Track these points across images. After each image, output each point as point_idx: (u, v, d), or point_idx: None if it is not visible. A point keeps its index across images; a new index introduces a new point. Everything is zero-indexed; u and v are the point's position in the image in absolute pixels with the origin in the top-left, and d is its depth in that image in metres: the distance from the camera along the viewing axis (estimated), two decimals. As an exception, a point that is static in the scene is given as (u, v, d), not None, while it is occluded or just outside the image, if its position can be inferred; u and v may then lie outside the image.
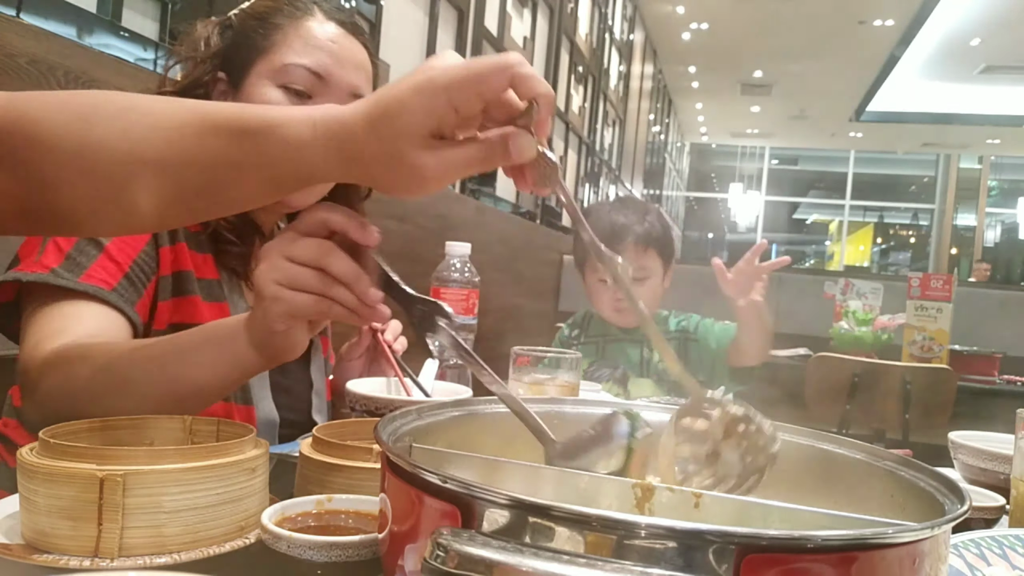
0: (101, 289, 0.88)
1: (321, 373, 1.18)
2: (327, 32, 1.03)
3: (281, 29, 1.02)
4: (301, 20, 1.02)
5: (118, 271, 0.91)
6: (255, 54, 1.02)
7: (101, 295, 0.88)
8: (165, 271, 0.96)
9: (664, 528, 0.38)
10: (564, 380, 1.11)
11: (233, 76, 1.03)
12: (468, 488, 0.41)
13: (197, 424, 0.69)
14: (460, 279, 1.17)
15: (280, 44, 1.01)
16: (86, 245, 0.90)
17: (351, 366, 1.19)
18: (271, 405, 1.05)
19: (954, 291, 2.93)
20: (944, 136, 13.21)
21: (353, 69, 1.04)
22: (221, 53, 1.04)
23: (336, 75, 1.02)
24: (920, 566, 0.42)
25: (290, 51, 1.01)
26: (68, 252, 0.89)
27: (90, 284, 0.88)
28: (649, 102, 9.61)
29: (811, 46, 9.00)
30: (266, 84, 1.00)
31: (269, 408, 1.05)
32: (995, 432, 1.11)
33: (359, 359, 1.19)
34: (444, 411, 0.64)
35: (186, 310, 0.98)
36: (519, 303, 4.08)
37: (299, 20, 1.02)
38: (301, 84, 1.00)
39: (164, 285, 0.97)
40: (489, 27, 3.61)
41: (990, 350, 3.49)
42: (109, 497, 0.54)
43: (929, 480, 0.53)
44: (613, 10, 6.60)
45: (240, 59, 1.02)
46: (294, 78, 1.00)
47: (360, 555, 0.55)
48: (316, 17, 1.03)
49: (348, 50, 1.04)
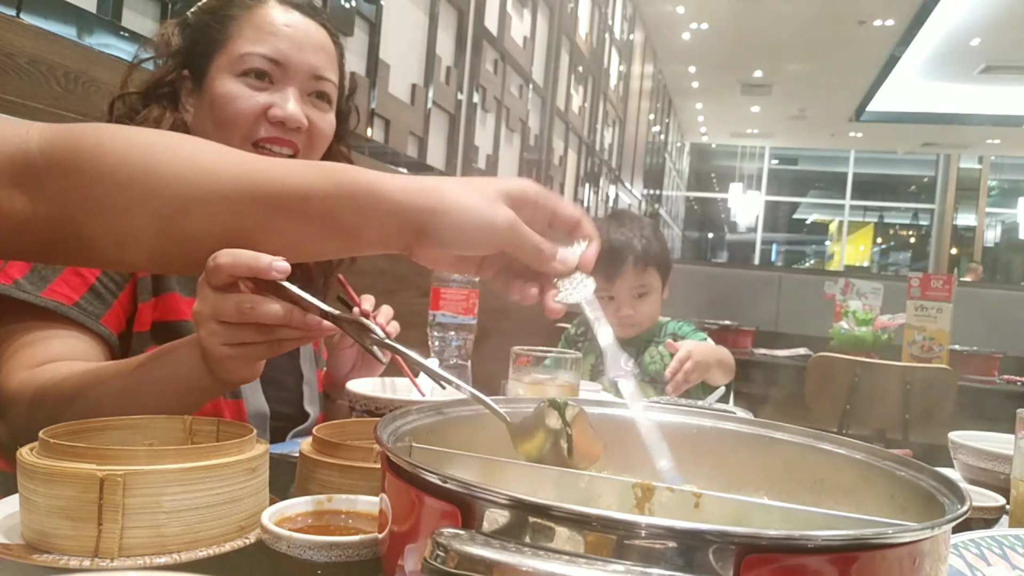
0: (61, 304, 0.89)
1: (311, 364, 1.18)
2: (281, 17, 1.03)
3: (235, 20, 1.02)
4: (254, 9, 1.03)
5: (82, 284, 0.91)
6: (213, 48, 1.02)
7: (60, 310, 0.89)
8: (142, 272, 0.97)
9: (664, 528, 0.38)
10: (564, 380, 1.11)
11: (195, 73, 1.04)
12: (468, 488, 0.41)
13: (197, 424, 0.68)
14: (460, 279, 1.17)
15: (235, 35, 1.02)
16: None
17: (344, 355, 1.20)
18: (261, 398, 1.05)
19: (954, 291, 2.93)
20: (944, 136, 13.20)
21: (312, 51, 1.04)
22: (182, 52, 1.05)
23: (294, 59, 1.03)
24: (920, 566, 0.42)
25: (245, 41, 1.01)
26: (34, 264, 0.89)
27: (50, 300, 0.88)
28: (649, 102, 9.61)
29: (811, 46, 8.99)
30: (226, 76, 1.01)
31: (259, 401, 1.05)
32: (995, 432, 1.11)
33: (351, 347, 1.20)
34: (444, 411, 0.64)
35: (167, 307, 0.98)
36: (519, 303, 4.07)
37: (252, 9, 1.03)
38: (260, 70, 1.01)
39: (143, 286, 0.97)
40: (489, 27, 3.61)
41: (990, 350, 3.49)
42: (109, 497, 0.54)
43: (929, 480, 0.53)
44: (613, 10, 6.60)
45: (200, 55, 1.03)
46: (251, 66, 1.01)
47: (360, 555, 0.55)
48: (269, 4, 1.04)
49: (305, 33, 1.04)
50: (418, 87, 3.00)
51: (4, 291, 0.87)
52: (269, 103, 1.01)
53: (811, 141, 15.85)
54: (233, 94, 1.00)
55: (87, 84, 1.36)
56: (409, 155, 2.95)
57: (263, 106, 1.01)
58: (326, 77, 1.06)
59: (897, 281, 3.48)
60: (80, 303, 0.90)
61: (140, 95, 1.05)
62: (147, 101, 1.04)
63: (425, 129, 3.05)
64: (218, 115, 1.01)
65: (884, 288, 3.18)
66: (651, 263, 1.85)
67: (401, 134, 2.86)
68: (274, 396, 1.08)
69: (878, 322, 3.13)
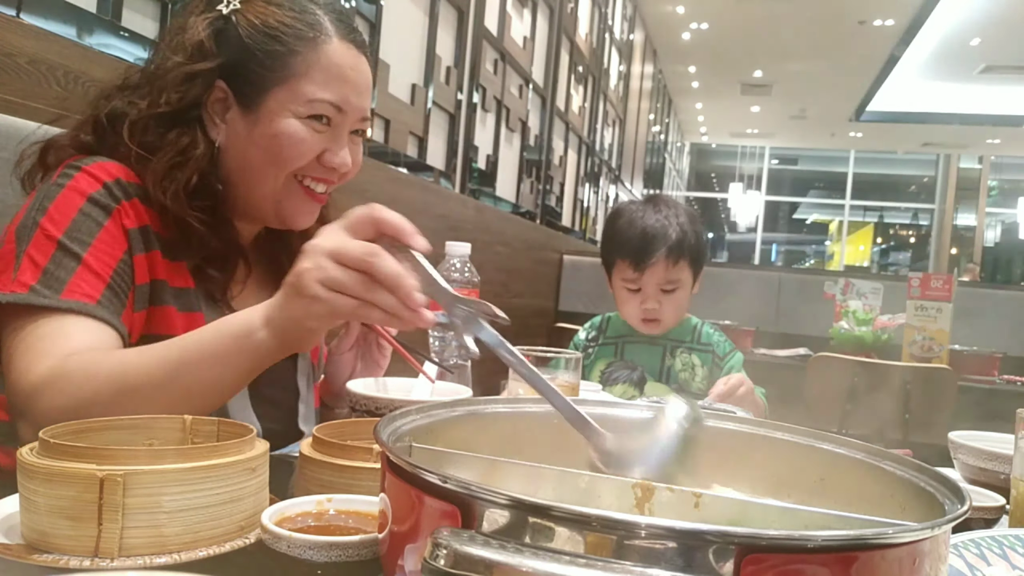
0: (86, 304, 0.85)
1: (308, 380, 1.14)
2: (346, 59, 1.00)
3: (300, 56, 0.97)
4: (319, 45, 0.98)
5: (99, 283, 0.87)
6: (272, 79, 0.97)
7: (87, 310, 0.85)
8: (141, 280, 0.93)
9: (664, 528, 0.38)
10: (564, 380, 1.11)
11: (243, 95, 0.98)
12: (468, 488, 0.41)
13: (197, 424, 0.68)
14: (460, 279, 1.17)
15: (301, 74, 0.97)
16: (63, 257, 0.86)
17: (342, 360, 1.17)
18: (251, 416, 1.02)
19: (954, 291, 2.93)
20: (944, 136, 13.20)
21: (366, 94, 1.03)
22: (223, 65, 0.97)
23: (353, 104, 1.00)
24: (920, 566, 0.42)
25: (312, 84, 0.97)
26: (45, 267, 0.85)
27: (73, 300, 0.85)
28: (649, 102, 9.61)
29: (811, 46, 8.99)
30: (289, 115, 0.97)
31: (249, 420, 1.01)
32: (995, 432, 1.11)
33: (350, 352, 1.18)
34: (444, 411, 0.64)
35: (159, 321, 0.94)
36: (519, 303, 4.08)
37: (317, 45, 0.98)
38: (324, 117, 0.99)
39: (140, 295, 0.93)
40: (489, 27, 3.61)
41: (990, 350, 3.49)
42: (109, 497, 0.54)
43: (929, 480, 0.53)
44: (613, 10, 6.60)
45: (250, 77, 0.97)
46: (318, 112, 0.98)
47: (360, 555, 0.55)
48: (333, 40, 0.99)
49: (363, 75, 1.02)
50: (418, 87, 3.00)
51: (24, 300, 0.83)
52: (324, 147, 1.00)
53: (811, 141, 15.85)
54: (299, 136, 0.97)
55: (87, 84, 1.36)
56: (409, 155, 2.95)
57: (320, 150, 1.00)
58: (367, 117, 1.05)
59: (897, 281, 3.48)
60: (102, 300, 0.87)
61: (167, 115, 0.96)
62: (172, 123, 0.97)
63: (425, 129, 3.05)
64: (275, 152, 0.98)
65: (884, 288, 3.18)
66: (684, 256, 1.73)
67: (401, 134, 2.86)
68: (265, 414, 1.03)
69: (878, 322, 3.13)
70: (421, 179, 3.04)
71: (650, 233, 1.72)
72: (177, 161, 0.95)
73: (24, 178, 0.99)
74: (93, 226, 0.89)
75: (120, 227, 0.91)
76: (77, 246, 0.87)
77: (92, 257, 0.88)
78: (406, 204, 2.71)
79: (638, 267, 1.72)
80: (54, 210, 0.89)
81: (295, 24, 0.98)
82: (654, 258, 1.71)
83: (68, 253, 0.87)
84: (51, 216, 0.88)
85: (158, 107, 0.96)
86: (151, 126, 0.96)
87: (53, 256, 0.86)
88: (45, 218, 0.88)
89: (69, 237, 0.87)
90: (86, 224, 0.89)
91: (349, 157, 1.03)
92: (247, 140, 0.99)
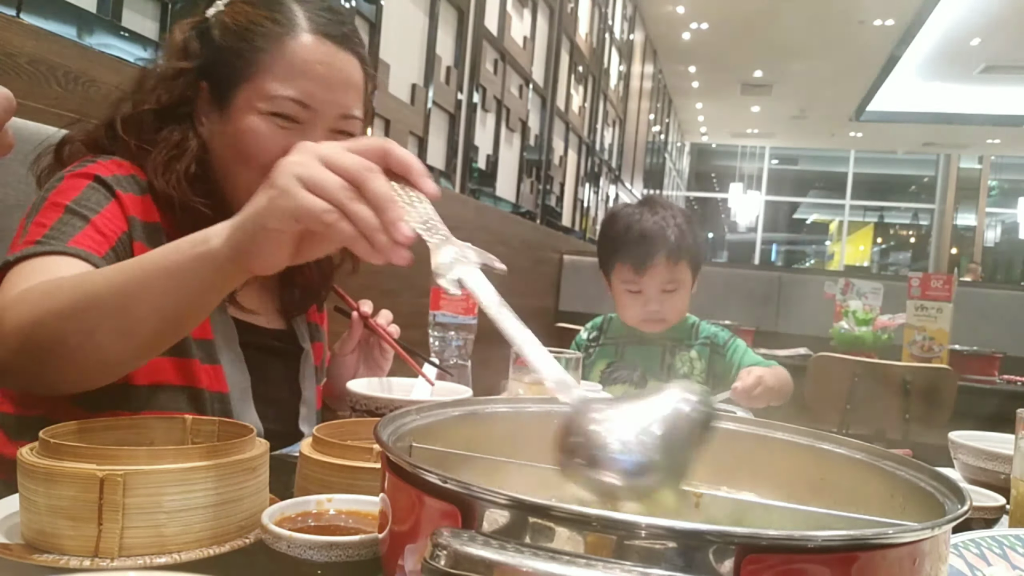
0: (92, 254, 0.85)
1: (311, 382, 1.14)
2: (312, 53, 0.97)
3: (264, 52, 0.96)
4: (284, 40, 0.96)
5: (106, 243, 0.89)
6: (238, 77, 0.97)
7: (92, 259, 0.84)
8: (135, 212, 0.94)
9: (664, 528, 0.38)
10: (564, 380, 1.11)
11: (216, 93, 1.00)
12: (468, 488, 0.41)
13: (197, 424, 0.68)
14: (460, 279, 1.17)
15: (264, 70, 0.96)
16: (71, 218, 0.87)
17: (345, 362, 1.18)
18: (254, 416, 1.02)
19: (954, 291, 2.93)
20: (944, 136, 13.20)
21: (342, 90, 0.99)
22: (202, 65, 1.00)
23: (322, 100, 0.97)
24: (920, 566, 0.42)
25: (274, 80, 0.96)
26: (52, 225, 0.86)
27: (81, 248, 0.84)
28: (649, 102, 9.61)
29: (811, 46, 8.99)
30: (252, 113, 0.96)
31: (252, 420, 1.02)
32: (995, 432, 1.11)
33: (352, 354, 1.18)
34: (444, 411, 0.64)
35: None
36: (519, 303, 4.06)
37: (282, 40, 0.96)
38: (287, 113, 0.96)
39: None
40: (489, 27, 3.61)
41: (990, 350, 3.49)
42: (109, 497, 0.54)
43: (929, 480, 0.53)
44: (613, 10, 6.60)
45: (223, 77, 0.98)
46: (280, 109, 0.96)
47: (360, 555, 0.55)
48: (300, 35, 0.97)
49: (336, 70, 0.98)
50: (418, 87, 3.00)
51: (29, 252, 0.82)
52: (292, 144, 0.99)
53: (811, 141, 15.86)
54: (259, 133, 0.96)
55: (87, 84, 1.36)
56: (409, 155, 2.95)
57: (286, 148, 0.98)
58: (352, 115, 1.01)
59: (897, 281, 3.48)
60: (107, 257, 0.87)
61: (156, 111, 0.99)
62: (164, 118, 0.99)
63: (425, 129, 3.05)
64: (241, 149, 0.98)
65: (884, 288, 3.17)
66: (684, 257, 1.73)
67: (401, 134, 2.86)
68: (266, 414, 1.04)
69: (878, 322, 3.13)
70: (421, 179, 3.03)
71: (649, 235, 1.71)
72: (173, 154, 0.97)
73: (41, 175, 1.01)
74: (101, 198, 0.91)
75: (121, 210, 0.92)
76: (85, 210, 0.89)
77: (100, 220, 0.89)
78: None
79: (639, 270, 1.72)
80: (62, 186, 0.91)
81: (265, 22, 0.98)
82: (654, 260, 1.70)
83: (76, 215, 0.88)
84: (60, 191, 0.91)
85: (148, 105, 0.99)
86: (145, 123, 0.99)
87: (60, 218, 0.87)
88: (53, 193, 0.91)
89: (77, 203, 0.89)
90: (95, 196, 0.91)
91: None
92: (221, 138, 1.00)
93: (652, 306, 1.74)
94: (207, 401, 0.96)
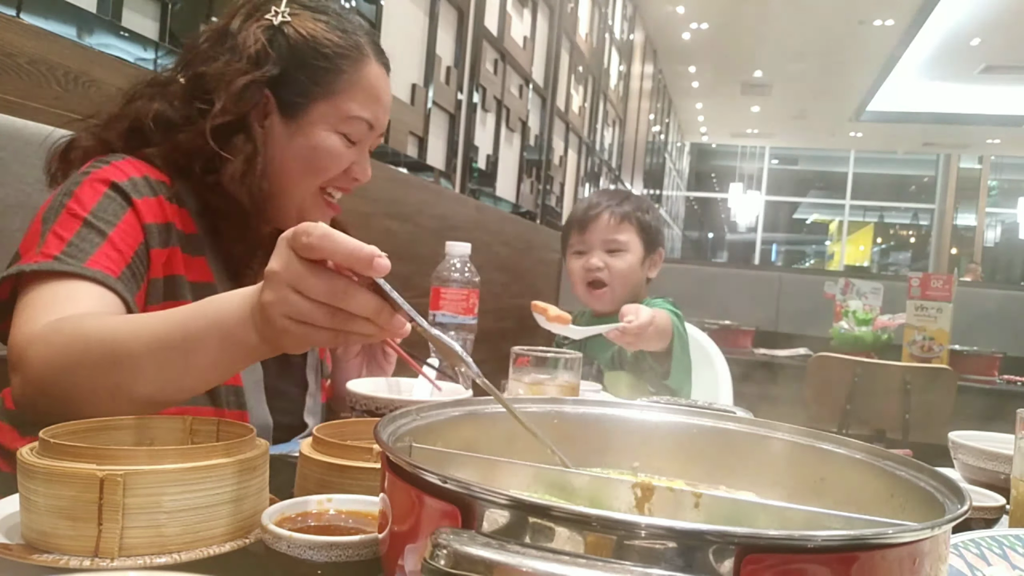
0: (108, 276, 0.86)
1: (316, 373, 1.17)
2: (380, 82, 1.06)
3: (346, 75, 1.02)
4: (361, 66, 1.03)
5: (122, 260, 0.89)
6: (316, 93, 1.01)
7: (108, 282, 0.85)
8: (156, 274, 0.94)
9: (664, 528, 0.38)
10: (564, 380, 1.11)
11: (285, 102, 1.01)
12: (468, 488, 0.41)
13: (197, 424, 0.68)
14: (460, 279, 1.17)
15: (344, 92, 1.02)
16: (88, 232, 0.88)
17: (348, 366, 1.19)
18: (265, 410, 1.04)
19: (954, 291, 2.93)
20: (944, 136, 13.20)
21: (389, 113, 1.09)
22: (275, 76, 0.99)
23: (382, 123, 1.07)
24: (920, 566, 0.42)
25: (354, 103, 1.03)
26: (70, 240, 0.86)
27: (97, 270, 0.85)
28: (649, 102, 9.61)
29: (811, 46, 8.99)
30: (329, 130, 1.02)
31: (263, 413, 1.04)
32: (995, 432, 1.11)
33: (356, 358, 1.19)
34: (444, 411, 0.64)
35: None
36: (519, 303, 4.08)
37: (360, 66, 1.03)
38: (359, 134, 1.04)
39: (154, 288, 0.94)
40: (489, 27, 3.61)
41: (990, 350, 3.49)
42: (109, 497, 0.54)
43: (929, 480, 0.53)
44: (613, 10, 6.60)
45: (296, 88, 1.01)
46: (355, 130, 1.03)
47: (360, 555, 0.55)
48: (371, 62, 1.05)
49: (388, 95, 1.08)
50: (418, 87, 3.00)
51: (45, 267, 0.83)
52: (352, 161, 1.06)
53: (811, 141, 15.85)
54: (335, 151, 1.03)
55: (87, 84, 1.36)
56: (409, 155, 2.95)
57: (349, 163, 1.05)
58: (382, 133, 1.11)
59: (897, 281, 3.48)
60: (122, 277, 0.88)
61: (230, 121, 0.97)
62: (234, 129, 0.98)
63: (425, 129, 3.05)
64: (311, 162, 1.03)
65: (884, 288, 3.18)
66: (630, 221, 1.76)
67: (401, 134, 2.86)
68: (278, 407, 1.07)
69: (878, 322, 3.13)
70: (421, 179, 3.04)
71: (595, 200, 1.80)
72: (248, 168, 0.99)
73: (55, 175, 1.01)
74: (118, 209, 0.92)
75: (137, 220, 0.93)
76: (103, 224, 0.89)
77: (117, 236, 0.90)
78: (406, 204, 2.71)
79: (582, 229, 1.77)
80: (80, 192, 0.91)
81: (341, 43, 1.02)
82: (597, 219, 1.75)
83: (93, 229, 0.89)
84: (78, 198, 0.91)
85: (219, 115, 0.97)
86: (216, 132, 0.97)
87: (79, 231, 0.88)
88: (72, 200, 0.90)
89: (95, 216, 0.89)
90: (112, 206, 0.91)
91: (370, 171, 1.09)
92: (285, 148, 1.02)
93: (593, 261, 1.76)
94: (222, 395, 0.97)
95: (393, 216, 2.62)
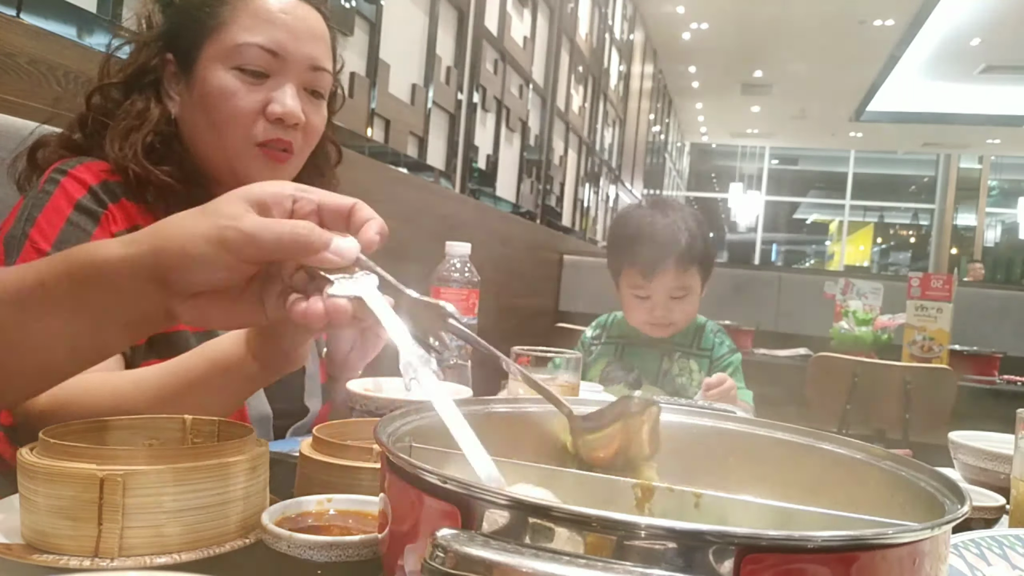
0: None
1: (313, 355, 1.15)
2: (278, 3, 0.97)
3: (228, 4, 0.96)
4: None
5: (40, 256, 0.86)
6: (202, 33, 0.96)
7: None
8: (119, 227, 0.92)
9: (664, 528, 0.38)
10: (564, 380, 1.11)
11: (182, 58, 0.98)
12: (468, 488, 0.41)
13: (197, 424, 0.68)
14: (460, 279, 1.17)
15: (228, 21, 0.95)
16: None
17: (343, 332, 1.17)
18: (263, 401, 1.04)
19: (954, 291, 2.93)
20: (944, 136, 13.21)
21: (311, 41, 0.99)
22: (166, 33, 0.99)
23: (292, 49, 0.97)
24: (920, 566, 0.42)
25: (240, 29, 0.95)
26: None
27: None
28: (649, 102, 9.61)
29: (811, 46, 8.99)
30: (219, 68, 0.95)
31: (262, 405, 1.03)
32: (995, 432, 1.11)
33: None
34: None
35: None
36: (519, 303, 4.08)
37: None
38: (256, 64, 0.95)
39: None
40: (489, 27, 3.61)
41: (990, 350, 3.49)
42: (109, 497, 0.54)
43: (929, 480, 0.53)
44: (613, 10, 6.60)
45: (187, 39, 0.97)
46: (248, 59, 0.95)
47: (360, 555, 0.55)
48: None
49: (303, 20, 0.98)
50: (418, 87, 3.00)
51: None
52: (267, 99, 0.96)
53: (811, 141, 15.86)
54: (229, 90, 0.94)
55: (87, 84, 1.35)
56: (409, 155, 2.95)
57: (261, 103, 0.96)
58: (324, 68, 1.01)
59: (897, 281, 3.48)
60: None
61: (121, 85, 0.99)
62: (128, 91, 0.98)
63: (425, 129, 3.05)
64: (213, 113, 0.96)
65: (884, 288, 3.17)
66: (694, 263, 1.69)
67: (401, 134, 2.86)
68: (274, 393, 1.05)
69: (878, 322, 3.13)
70: (421, 179, 3.04)
71: (659, 240, 1.67)
72: (133, 124, 0.96)
73: (19, 179, 0.99)
74: (82, 235, 0.89)
75: (108, 234, 0.91)
76: None
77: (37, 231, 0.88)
78: (406, 204, 2.71)
79: (647, 276, 1.68)
80: (43, 220, 0.89)
81: None
82: (664, 266, 1.66)
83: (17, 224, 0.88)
84: (40, 227, 0.89)
85: (111, 77, 0.99)
86: (110, 100, 0.98)
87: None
88: (34, 229, 0.88)
89: (57, 249, 0.87)
90: (75, 235, 0.89)
91: (298, 107, 0.98)
92: (192, 107, 0.99)
93: (659, 312, 1.71)
94: None
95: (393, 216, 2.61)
